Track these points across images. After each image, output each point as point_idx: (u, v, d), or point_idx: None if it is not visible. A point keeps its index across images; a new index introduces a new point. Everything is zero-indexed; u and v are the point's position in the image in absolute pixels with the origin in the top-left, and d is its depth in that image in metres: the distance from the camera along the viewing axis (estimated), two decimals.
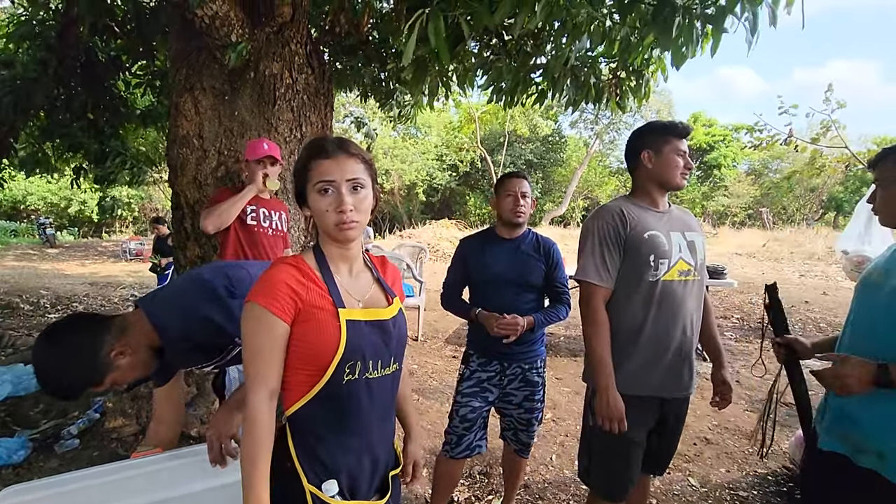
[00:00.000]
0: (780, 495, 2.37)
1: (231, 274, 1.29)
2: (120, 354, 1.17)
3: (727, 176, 24.14)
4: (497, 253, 1.94)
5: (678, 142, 1.55)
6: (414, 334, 4.90)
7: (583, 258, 1.56)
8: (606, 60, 3.65)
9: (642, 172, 1.60)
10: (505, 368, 1.92)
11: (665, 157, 1.55)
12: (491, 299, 1.90)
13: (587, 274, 1.52)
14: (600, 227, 1.54)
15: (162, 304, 1.25)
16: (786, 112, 5.23)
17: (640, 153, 1.58)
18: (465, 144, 22.78)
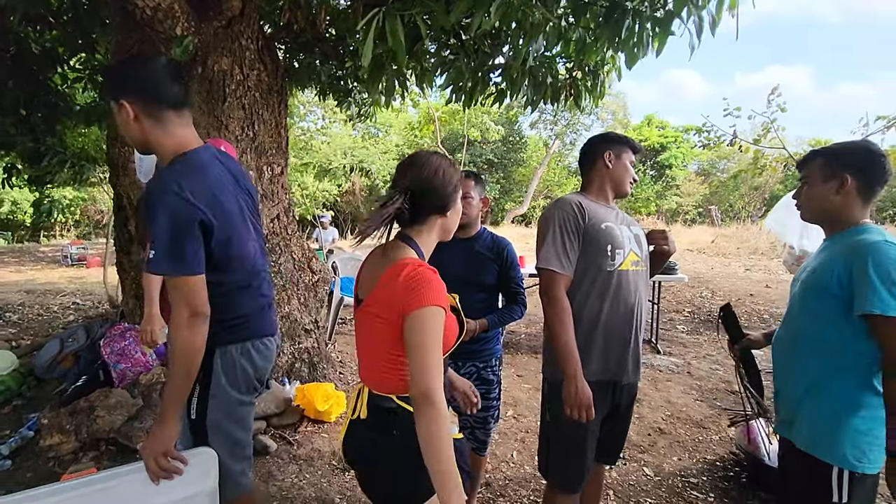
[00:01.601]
0: (728, 479, 2.48)
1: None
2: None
3: (678, 175, 25.19)
4: (452, 253, 1.87)
5: (632, 155, 1.69)
6: None
7: (543, 247, 1.57)
8: (563, 61, 3.73)
9: (601, 171, 1.68)
10: (459, 368, 1.92)
11: (623, 163, 1.67)
12: None
13: (549, 262, 1.54)
14: (560, 216, 1.57)
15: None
16: (730, 114, 5.50)
17: (603, 153, 1.66)
18: (426, 145, 22.74)
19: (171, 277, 1.21)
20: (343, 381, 3.61)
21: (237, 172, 1.46)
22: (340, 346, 4.49)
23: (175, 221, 1.19)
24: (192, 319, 1.21)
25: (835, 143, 1.42)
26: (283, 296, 3.29)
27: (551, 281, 1.53)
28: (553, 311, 1.52)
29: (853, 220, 1.31)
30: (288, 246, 3.37)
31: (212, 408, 1.36)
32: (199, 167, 1.28)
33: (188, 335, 1.21)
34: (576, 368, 1.47)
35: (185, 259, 1.19)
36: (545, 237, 1.58)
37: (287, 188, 3.42)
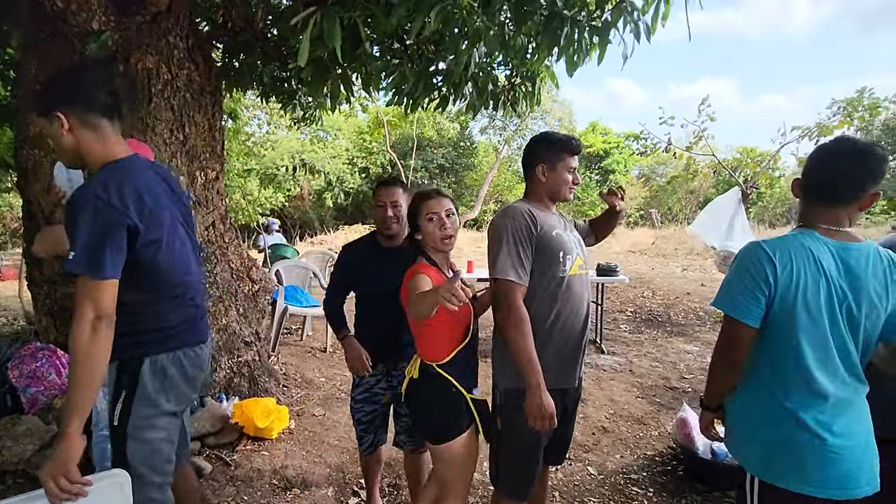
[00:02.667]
0: (666, 474, 2.57)
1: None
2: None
3: (621, 180, 26.32)
4: (384, 264, 1.91)
5: (570, 159, 1.64)
6: (322, 346, 4.70)
7: (499, 257, 1.53)
8: (504, 67, 3.79)
9: (536, 184, 1.68)
10: (390, 370, 2.02)
11: (558, 173, 1.63)
12: (371, 307, 2.03)
13: (506, 272, 1.50)
14: (513, 226, 1.55)
15: None
16: (665, 122, 5.81)
17: (535, 165, 1.65)
18: (376, 148, 22.55)
19: (85, 278, 1.18)
20: (287, 395, 3.47)
21: (169, 179, 1.49)
22: (285, 357, 4.33)
23: (96, 224, 1.19)
24: (97, 322, 1.18)
25: None
26: (220, 307, 3.12)
27: (509, 290, 1.51)
28: (512, 321, 1.49)
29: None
30: (225, 255, 3.21)
31: (135, 414, 1.34)
32: (129, 173, 1.30)
33: (92, 339, 1.17)
34: (539, 379, 1.45)
35: (102, 262, 1.18)
36: (499, 247, 1.54)
37: (223, 194, 3.25)
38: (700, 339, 5.27)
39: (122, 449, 1.34)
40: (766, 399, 1.24)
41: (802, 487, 1.17)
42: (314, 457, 2.71)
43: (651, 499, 2.36)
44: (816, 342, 1.17)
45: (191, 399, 1.52)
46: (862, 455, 1.18)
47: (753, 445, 1.26)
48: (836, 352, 1.18)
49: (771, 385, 1.23)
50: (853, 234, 1.22)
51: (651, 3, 2.60)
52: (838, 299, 1.16)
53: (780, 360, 1.21)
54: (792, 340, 1.18)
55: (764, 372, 1.24)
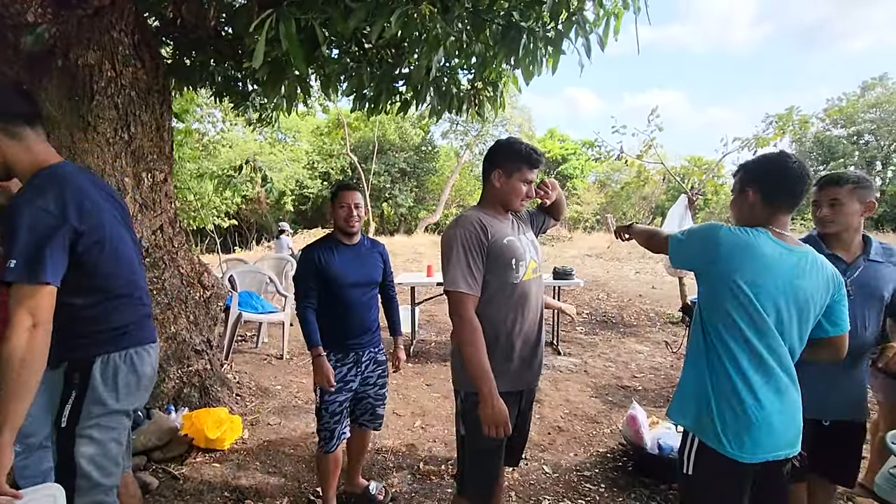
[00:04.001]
0: (617, 469, 2.67)
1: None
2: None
3: (578, 185, 27.11)
4: (348, 259, 2.15)
5: (528, 171, 1.62)
6: (278, 353, 4.59)
7: (450, 268, 1.54)
8: (465, 72, 3.83)
9: (491, 189, 1.67)
10: (360, 357, 2.18)
11: (513, 183, 1.63)
12: (343, 300, 2.13)
13: (457, 284, 1.51)
14: (463, 235, 1.55)
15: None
16: (617, 131, 6.04)
17: (492, 171, 1.65)
18: (336, 151, 22.25)
19: (22, 285, 1.17)
20: (241, 405, 3.37)
21: (101, 182, 1.52)
22: (239, 364, 4.19)
23: (35, 231, 1.18)
24: (34, 331, 1.16)
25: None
26: (169, 314, 2.99)
27: (460, 302, 1.52)
28: (464, 332, 1.51)
29: None
30: (174, 260, 3.08)
31: (86, 413, 1.34)
32: (62, 178, 1.29)
33: (29, 347, 1.14)
34: (490, 387, 1.46)
35: (41, 268, 1.17)
36: (450, 258, 1.55)
37: (172, 197, 3.13)
38: (650, 339, 5.50)
39: (69, 452, 1.33)
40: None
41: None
42: (269, 467, 2.64)
43: (603, 494, 2.45)
44: (754, 331, 1.30)
45: (142, 400, 1.52)
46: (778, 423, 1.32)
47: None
48: (769, 342, 1.30)
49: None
50: (794, 238, 1.39)
51: (602, 19, 2.72)
52: (778, 295, 1.29)
53: (723, 339, 1.35)
54: (734, 324, 1.32)
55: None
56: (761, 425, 1.29)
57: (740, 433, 1.30)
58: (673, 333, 5.70)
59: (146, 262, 2.88)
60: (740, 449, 1.30)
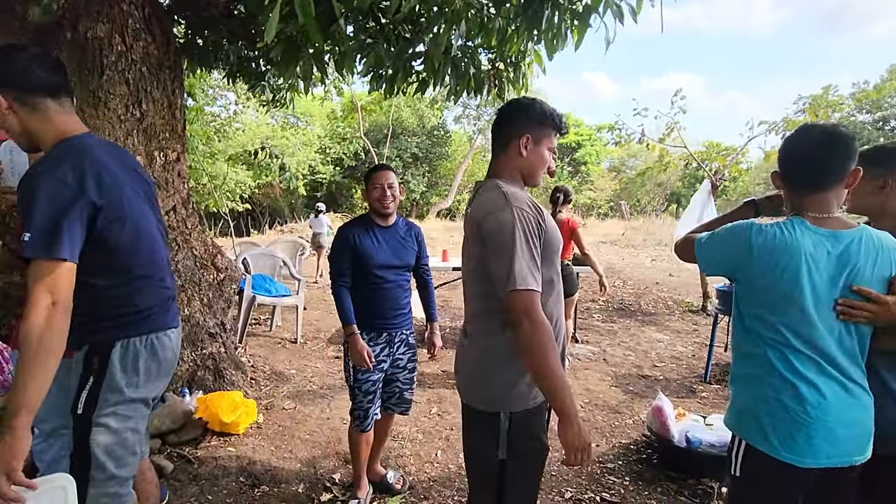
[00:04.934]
0: (641, 462, 2.58)
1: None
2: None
3: (592, 172, 26.70)
4: (383, 241, 2.13)
5: (554, 139, 1.39)
6: (292, 336, 4.56)
7: (514, 262, 1.18)
8: (485, 51, 3.69)
9: (512, 158, 1.36)
10: (393, 338, 2.16)
11: (542, 152, 1.36)
12: (376, 281, 2.10)
13: (526, 281, 1.17)
14: (522, 219, 1.22)
15: None
16: (639, 114, 5.84)
17: (518, 136, 1.34)
18: (349, 135, 22.12)
19: (40, 261, 1.11)
20: (255, 389, 3.34)
21: (127, 157, 1.44)
22: (253, 348, 4.17)
23: (52, 204, 1.13)
24: (52, 309, 1.09)
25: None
26: (183, 297, 2.95)
27: (531, 302, 1.18)
28: (539, 339, 1.17)
29: None
30: (188, 241, 3.03)
31: (103, 401, 1.28)
32: (82, 150, 1.24)
33: (48, 326, 1.09)
34: (574, 405, 1.18)
35: (59, 242, 1.11)
36: (511, 248, 1.19)
37: (185, 177, 3.06)
38: (670, 327, 5.37)
39: (85, 440, 1.27)
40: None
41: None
42: (284, 452, 2.60)
43: (627, 487, 2.36)
44: (800, 329, 1.18)
45: (162, 387, 1.46)
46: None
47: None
48: (817, 339, 1.17)
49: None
50: (844, 220, 1.21)
51: None
52: (823, 287, 1.16)
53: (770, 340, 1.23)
54: (777, 323, 1.20)
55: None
56: (817, 426, 1.16)
57: (792, 434, 1.18)
58: (693, 322, 5.56)
59: None
60: (791, 451, 1.18)
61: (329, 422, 2.94)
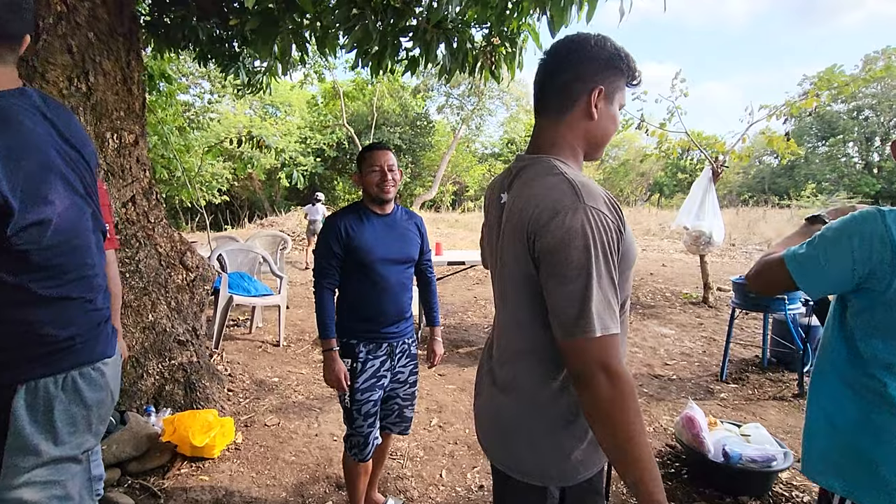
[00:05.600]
0: (670, 478, 2.32)
1: None
2: None
3: None
4: (379, 231, 1.79)
5: (625, 91, 0.97)
6: (275, 339, 4.19)
7: (588, 296, 0.79)
8: (478, 27, 3.38)
9: (579, 123, 0.93)
10: (394, 348, 1.85)
11: (614, 112, 0.95)
12: (376, 279, 1.77)
13: (605, 324, 0.79)
14: (601, 226, 0.81)
15: None
16: (638, 98, 5.58)
17: (591, 88, 0.91)
18: (330, 122, 21.53)
19: None
20: (233, 402, 2.98)
21: (67, 127, 1.02)
22: (231, 353, 3.80)
23: None
24: None
25: None
26: (146, 301, 2.58)
27: (611, 350, 0.80)
28: (622, 401, 0.79)
29: None
30: (151, 237, 2.65)
31: (10, 470, 0.94)
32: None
33: None
34: (662, 493, 0.80)
35: None
36: (587, 275, 0.80)
37: (146, 163, 2.67)
38: (673, 321, 5.15)
39: None
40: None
41: None
42: (267, 478, 2.27)
43: None
44: None
45: (97, 435, 1.10)
46: None
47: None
48: None
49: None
50: None
51: None
52: None
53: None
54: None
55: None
56: None
57: None
58: (696, 315, 5.36)
59: (116, 239, 2.45)
60: None
61: (318, 439, 2.61)
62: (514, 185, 0.95)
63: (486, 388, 1.05)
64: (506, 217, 0.95)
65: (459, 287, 6.64)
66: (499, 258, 0.98)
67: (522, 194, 0.91)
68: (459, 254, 4.89)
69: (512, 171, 0.99)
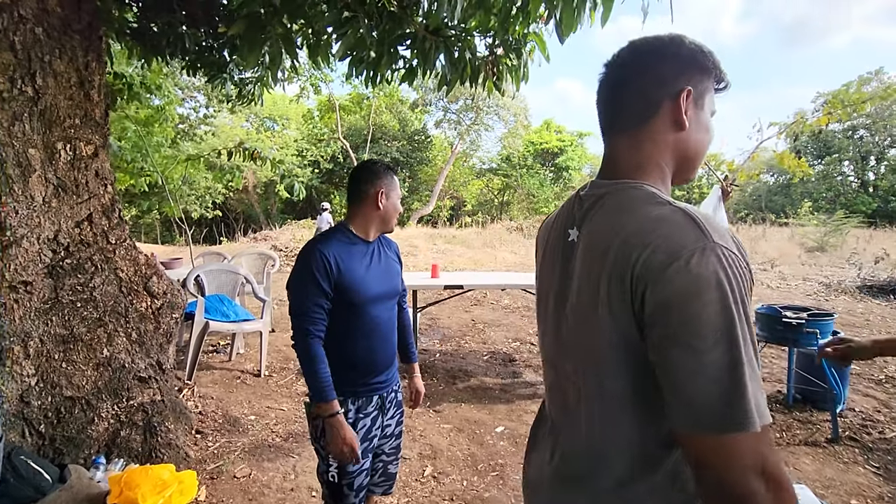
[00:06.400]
0: None
1: None
2: None
3: (574, 177, 26.53)
4: (368, 263, 1.52)
5: (713, 95, 0.78)
6: (256, 368, 3.86)
7: (738, 373, 0.56)
8: (481, 35, 3.16)
9: (664, 136, 0.74)
10: (384, 400, 1.59)
11: (705, 118, 0.76)
12: (368, 322, 1.49)
13: (762, 412, 0.57)
14: (737, 273, 0.59)
15: None
16: None
17: (677, 92, 0.72)
18: (326, 136, 21.39)
19: None
20: (200, 446, 2.64)
21: None
22: (205, 386, 3.46)
23: None
24: None
25: None
26: (101, 333, 2.26)
27: (770, 448, 0.57)
28: None
29: None
30: (109, 261, 2.34)
31: None
32: None
33: None
34: None
35: None
36: (731, 341, 0.57)
37: (108, 177, 2.37)
38: None
39: None
40: None
41: None
42: None
43: None
44: None
45: None
46: None
47: None
48: None
49: None
50: None
51: None
52: None
53: None
54: None
55: None
56: None
57: None
58: None
59: (66, 263, 2.14)
60: None
61: (294, 495, 2.27)
62: (591, 217, 0.75)
63: (548, 480, 0.80)
64: (581, 259, 0.73)
65: (456, 309, 6.33)
66: (568, 311, 0.76)
67: (609, 229, 0.69)
68: (457, 277, 4.59)
69: (583, 200, 0.78)
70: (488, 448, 2.75)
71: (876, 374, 3.96)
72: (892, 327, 5.72)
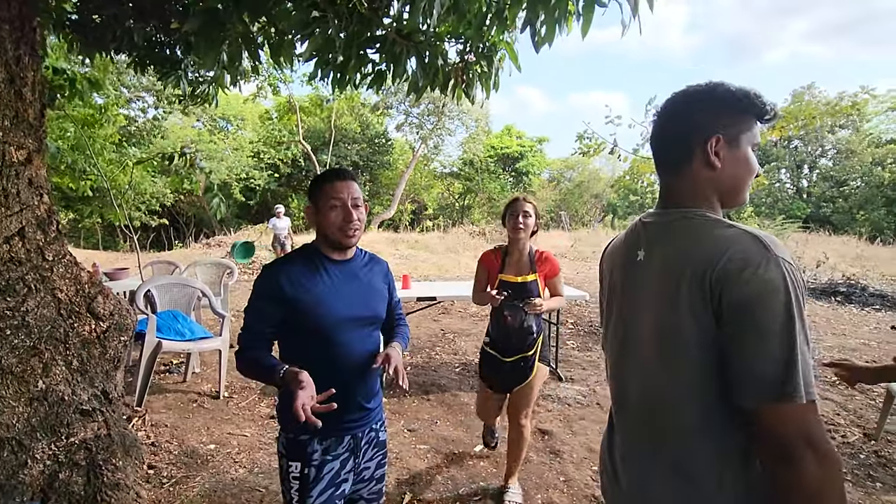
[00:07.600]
0: None
1: None
2: None
3: (534, 182, 27.03)
4: (338, 283, 1.39)
5: (756, 131, 0.89)
6: (214, 389, 3.59)
7: (794, 355, 0.72)
8: (453, 41, 3.08)
9: (700, 176, 0.88)
10: (359, 441, 1.42)
11: (743, 155, 0.88)
12: (335, 349, 1.34)
13: (811, 390, 0.72)
14: (796, 281, 0.75)
15: None
16: (612, 122, 5.45)
17: (704, 140, 0.86)
18: (286, 138, 20.76)
19: None
20: (153, 483, 2.39)
21: None
22: (158, 412, 3.17)
23: None
24: None
25: None
26: (35, 364, 2.00)
27: (817, 420, 0.72)
28: (830, 482, 0.71)
29: None
30: (46, 280, 2.08)
31: None
32: None
33: None
34: None
35: None
36: (790, 332, 0.72)
37: (42, 186, 2.11)
38: None
39: None
40: None
41: None
42: None
43: None
44: None
45: None
46: None
47: None
48: None
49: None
50: None
51: None
52: None
53: None
54: None
55: None
56: None
57: None
58: None
59: None
60: None
61: None
62: (661, 238, 0.91)
63: (633, 481, 0.93)
64: (657, 273, 0.88)
65: (425, 318, 6.20)
66: (641, 322, 0.91)
67: (685, 248, 0.85)
68: (427, 287, 4.47)
69: (647, 226, 0.95)
70: (469, 470, 2.64)
71: (829, 376, 4.14)
72: (836, 328, 6.05)
